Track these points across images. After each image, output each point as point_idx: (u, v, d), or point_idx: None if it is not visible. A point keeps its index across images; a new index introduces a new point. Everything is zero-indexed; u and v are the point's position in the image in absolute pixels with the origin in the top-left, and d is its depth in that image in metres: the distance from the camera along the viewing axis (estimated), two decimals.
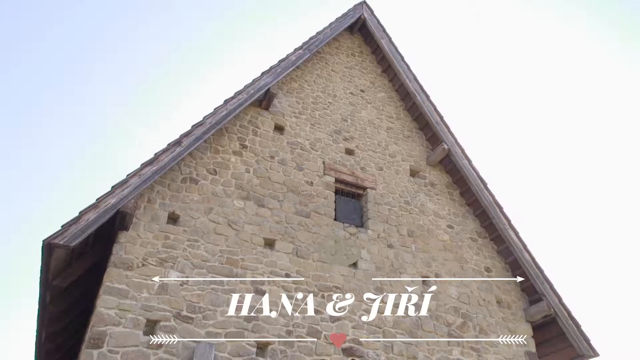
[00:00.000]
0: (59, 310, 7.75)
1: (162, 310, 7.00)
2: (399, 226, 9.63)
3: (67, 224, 6.58)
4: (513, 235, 9.79)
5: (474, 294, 9.46)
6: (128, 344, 6.58)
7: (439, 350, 8.54)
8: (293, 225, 8.66)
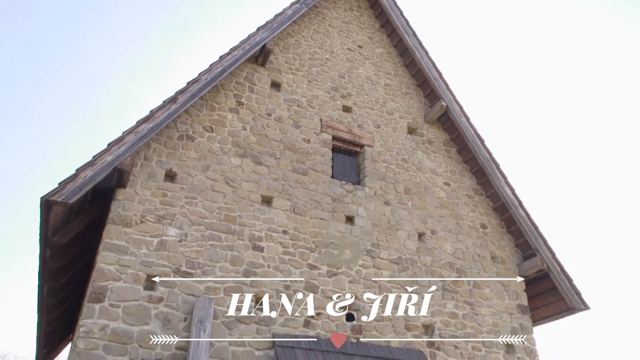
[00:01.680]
0: (59, 266, 7.86)
1: (161, 266, 7.11)
2: (396, 183, 9.67)
3: (65, 182, 6.59)
4: (509, 192, 9.85)
5: (469, 249, 9.61)
6: (129, 298, 6.72)
7: (434, 304, 8.74)
8: (290, 182, 8.69)
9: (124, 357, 6.37)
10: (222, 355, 6.89)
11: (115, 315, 6.55)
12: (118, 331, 6.48)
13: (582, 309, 9.26)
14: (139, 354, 6.45)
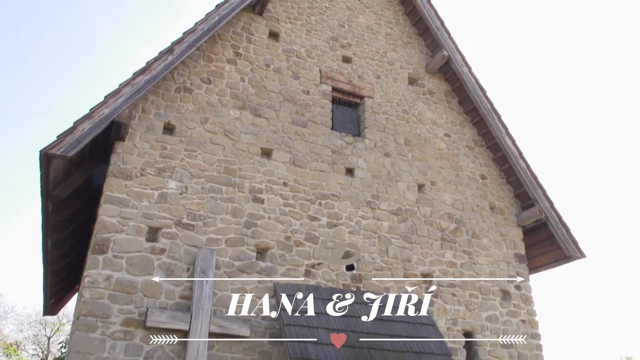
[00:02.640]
0: (62, 219, 7.94)
1: (162, 218, 7.18)
2: (396, 135, 9.62)
3: (63, 135, 6.56)
4: (509, 143, 9.81)
5: (468, 200, 9.67)
6: (132, 249, 6.82)
7: (432, 254, 8.88)
8: (290, 134, 8.64)
9: (129, 306, 6.53)
10: (224, 303, 7.06)
11: (119, 266, 6.68)
12: (122, 281, 6.62)
13: (579, 257, 9.41)
14: (143, 303, 6.61)
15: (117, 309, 6.47)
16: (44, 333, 30.28)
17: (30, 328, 31.23)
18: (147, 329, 6.49)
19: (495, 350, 8.63)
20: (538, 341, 9.09)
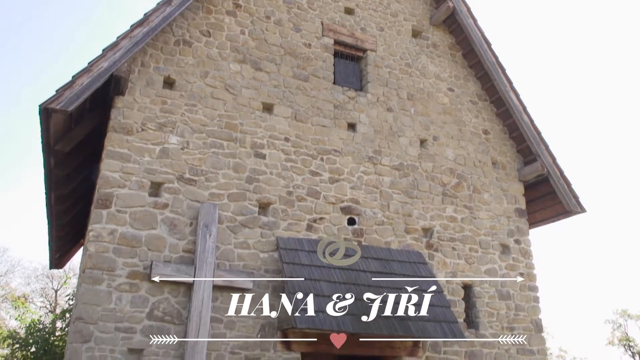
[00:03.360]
0: (64, 174, 7.96)
1: (165, 173, 7.19)
2: (399, 89, 9.50)
3: (62, 89, 6.48)
4: (513, 97, 9.70)
5: (470, 155, 9.64)
6: (135, 204, 6.87)
7: (433, 209, 8.93)
8: (291, 89, 8.54)
9: (134, 259, 6.64)
10: (227, 257, 7.17)
11: (123, 221, 6.74)
12: (126, 235, 6.70)
13: (579, 211, 9.47)
14: (148, 256, 6.71)
15: (122, 262, 6.57)
16: (51, 286, 30.95)
17: (37, 281, 31.91)
18: (152, 282, 6.61)
19: (493, 302, 8.81)
20: (535, 293, 9.26)
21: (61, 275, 30.03)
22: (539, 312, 9.17)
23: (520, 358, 8.69)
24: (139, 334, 6.39)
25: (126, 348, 6.28)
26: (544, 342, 9.06)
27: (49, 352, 12.54)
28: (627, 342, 25.90)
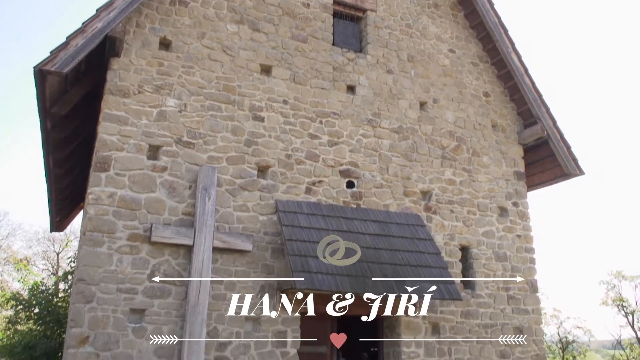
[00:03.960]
0: (61, 137, 7.92)
1: (162, 136, 7.15)
2: (399, 51, 9.35)
3: (56, 50, 6.37)
4: (515, 59, 9.56)
5: (470, 118, 9.58)
6: (133, 167, 6.86)
7: (432, 172, 8.94)
8: (290, 50, 8.40)
9: (134, 222, 6.67)
10: (227, 220, 7.21)
11: (122, 184, 6.74)
12: (126, 198, 6.71)
13: (577, 174, 9.48)
14: (147, 219, 6.75)
15: (122, 225, 6.61)
16: (53, 249, 31.27)
17: (39, 244, 32.21)
18: (152, 244, 6.67)
19: (489, 264, 8.93)
20: (532, 255, 9.38)
21: (62, 238, 30.29)
22: (534, 273, 9.31)
23: (515, 317, 8.86)
24: (141, 294, 6.49)
25: (128, 308, 6.39)
26: (538, 302, 9.22)
27: (52, 313, 12.76)
28: (620, 302, 26.38)
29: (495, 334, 8.60)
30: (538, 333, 9.02)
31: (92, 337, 6.14)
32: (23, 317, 15.27)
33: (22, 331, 14.44)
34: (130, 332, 6.34)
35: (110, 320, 6.27)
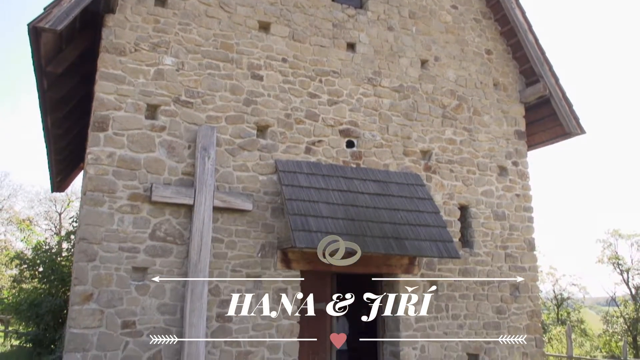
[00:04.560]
0: (58, 96, 7.84)
1: (160, 95, 7.07)
2: (400, 7, 9.14)
3: (50, 7, 6.22)
4: (519, 15, 9.36)
5: (472, 76, 9.46)
6: (131, 127, 6.81)
7: (433, 131, 8.89)
8: (288, 7, 8.21)
9: (134, 182, 6.68)
10: (227, 179, 7.22)
11: (121, 144, 6.71)
12: (125, 158, 6.70)
13: (578, 133, 9.44)
14: (147, 179, 6.76)
15: (122, 185, 6.62)
16: (55, 209, 31.49)
17: (41, 205, 32.41)
18: (153, 204, 6.70)
19: (488, 223, 9.00)
20: (530, 214, 9.44)
21: (64, 199, 30.46)
22: (532, 231, 9.40)
23: (511, 275, 9.01)
24: (142, 253, 6.57)
25: (130, 266, 6.48)
26: (535, 260, 9.36)
27: (56, 272, 12.95)
28: (616, 260, 26.77)
29: (492, 291, 8.75)
30: (534, 290, 9.19)
31: (96, 294, 6.25)
32: (27, 276, 15.52)
33: (27, 289, 14.70)
34: (134, 290, 6.45)
35: (113, 278, 6.36)
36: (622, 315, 25.29)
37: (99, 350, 6.14)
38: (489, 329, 8.58)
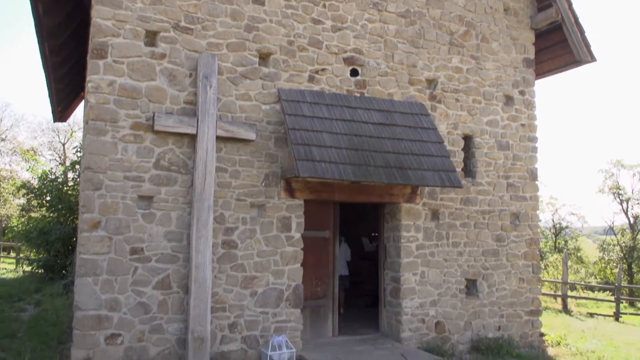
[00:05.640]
0: (55, 22, 7.61)
1: (159, 21, 6.85)
2: None
3: None
4: None
5: (482, 1, 9.10)
6: (131, 54, 6.66)
7: (439, 59, 8.68)
8: None
9: (136, 111, 6.63)
10: (229, 109, 7.15)
11: (121, 72, 6.60)
12: (126, 86, 6.61)
13: (589, 61, 9.19)
14: (149, 108, 6.69)
15: (124, 114, 6.57)
16: (58, 140, 31.54)
17: (44, 135, 32.44)
18: (156, 133, 6.68)
19: (491, 153, 8.99)
20: (534, 144, 9.41)
21: (66, 129, 30.44)
22: (535, 161, 9.41)
23: (512, 204, 9.11)
24: (147, 182, 6.63)
25: (136, 195, 6.56)
26: (536, 190, 9.43)
27: (63, 201, 13.18)
28: (617, 190, 26.96)
29: (493, 219, 8.89)
30: (534, 218, 9.33)
31: (103, 222, 6.38)
32: (35, 205, 15.81)
33: (36, 218, 15.02)
34: (140, 218, 6.57)
35: (119, 206, 6.47)
36: (619, 243, 25.84)
37: (109, 274, 6.35)
38: (488, 256, 8.80)
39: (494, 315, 8.74)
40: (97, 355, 6.20)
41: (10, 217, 22.82)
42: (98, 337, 6.23)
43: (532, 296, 9.12)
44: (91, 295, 6.24)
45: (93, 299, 6.25)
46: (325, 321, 8.09)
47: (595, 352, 8.93)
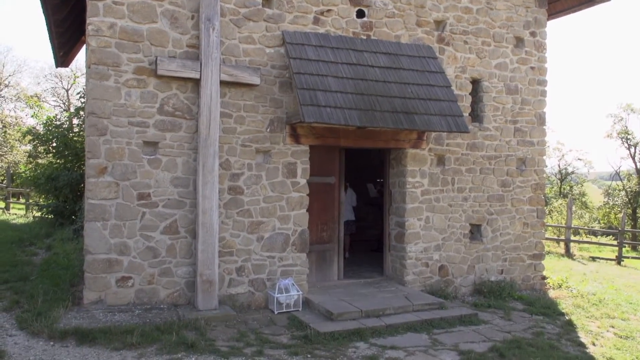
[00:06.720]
0: None
1: None
2: None
3: None
4: None
5: None
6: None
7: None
8: None
9: (138, 55, 6.51)
10: (233, 52, 7.00)
11: (121, 14, 6.43)
12: (127, 29, 6.45)
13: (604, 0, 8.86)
14: (152, 52, 6.57)
15: (127, 58, 6.46)
16: (62, 86, 31.24)
17: (47, 81, 32.10)
18: (159, 77, 6.58)
19: (499, 97, 8.84)
20: (543, 87, 9.24)
21: (69, 75, 30.08)
22: (544, 105, 9.27)
23: (519, 149, 9.05)
24: (152, 128, 6.59)
25: (141, 141, 6.55)
26: (544, 134, 9.33)
27: (70, 147, 13.18)
28: (625, 134, 26.64)
29: (499, 164, 8.86)
30: (540, 164, 9.29)
31: (110, 167, 6.40)
32: (42, 151, 15.85)
33: (44, 164, 15.09)
34: (146, 163, 6.58)
35: (125, 152, 6.46)
36: (625, 188, 25.82)
37: (118, 219, 6.43)
38: (493, 201, 8.82)
39: (497, 259, 8.86)
40: (109, 297, 6.38)
41: (18, 163, 22.94)
42: (109, 279, 6.39)
43: (536, 240, 9.21)
44: (101, 239, 6.35)
45: (103, 243, 6.36)
46: (331, 265, 8.24)
47: (596, 294, 9.10)
